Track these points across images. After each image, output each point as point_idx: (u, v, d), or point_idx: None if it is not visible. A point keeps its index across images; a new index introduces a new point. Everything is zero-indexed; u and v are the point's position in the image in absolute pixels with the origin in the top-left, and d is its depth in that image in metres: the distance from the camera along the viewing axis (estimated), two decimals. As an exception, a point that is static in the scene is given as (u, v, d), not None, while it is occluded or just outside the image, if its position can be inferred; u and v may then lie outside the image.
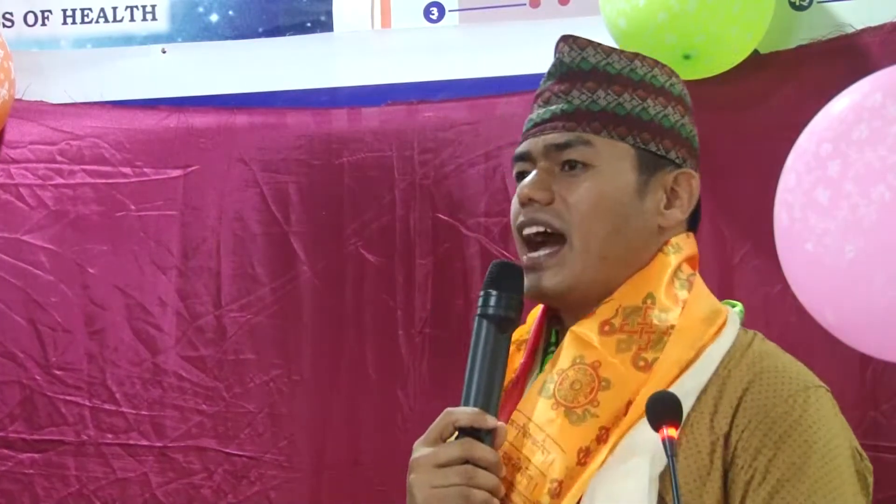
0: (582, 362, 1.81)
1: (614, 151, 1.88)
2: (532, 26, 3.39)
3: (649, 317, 1.83)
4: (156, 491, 3.38)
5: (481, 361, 1.81)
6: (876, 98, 2.48)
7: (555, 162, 1.88)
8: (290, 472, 3.35)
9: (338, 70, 3.52)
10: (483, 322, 1.82)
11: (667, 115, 1.91)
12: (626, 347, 1.81)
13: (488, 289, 1.84)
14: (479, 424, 1.77)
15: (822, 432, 1.77)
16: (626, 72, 1.91)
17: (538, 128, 1.91)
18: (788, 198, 2.56)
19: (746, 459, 1.75)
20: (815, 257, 2.48)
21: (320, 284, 3.38)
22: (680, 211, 1.92)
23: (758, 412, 1.77)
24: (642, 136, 1.89)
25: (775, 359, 1.83)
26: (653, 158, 1.89)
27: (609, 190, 1.86)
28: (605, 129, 1.87)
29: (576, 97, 1.89)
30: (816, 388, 1.81)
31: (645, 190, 1.89)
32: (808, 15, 3.16)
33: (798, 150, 2.59)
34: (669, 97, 1.93)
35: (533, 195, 1.87)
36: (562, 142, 1.88)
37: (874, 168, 2.41)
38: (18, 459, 3.42)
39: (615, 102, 1.88)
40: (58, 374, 3.43)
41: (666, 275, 1.87)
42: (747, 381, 1.79)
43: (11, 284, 3.46)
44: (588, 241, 1.85)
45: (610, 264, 1.86)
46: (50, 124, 3.52)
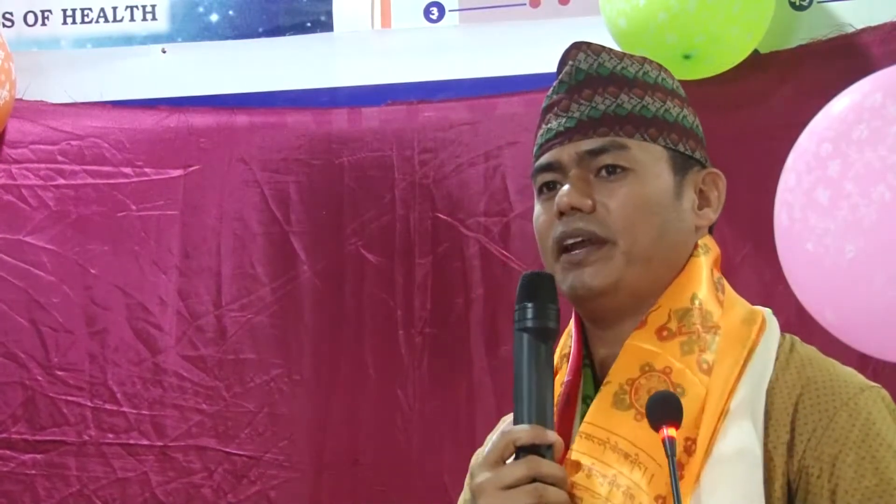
0: (652, 369, 1.77)
1: (649, 154, 1.84)
2: (532, 26, 3.39)
3: (699, 317, 1.81)
4: (156, 490, 3.38)
5: (529, 376, 1.75)
6: (876, 98, 2.48)
7: (589, 169, 1.83)
8: (289, 471, 3.35)
9: (338, 70, 3.52)
10: (524, 336, 1.76)
11: (685, 117, 1.90)
12: (688, 350, 1.79)
13: (524, 302, 1.77)
14: (541, 440, 1.72)
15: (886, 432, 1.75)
16: (641, 75, 1.88)
17: (563, 136, 1.85)
18: (789, 198, 2.56)
19: (824, 468, 1.73)
20: (815, 257, 2.48)
21: (320, 284, 3.38)
22: (712, 211, 1.90)
23: (821, 418, 1.75)
24: (671, 136, 1.86)
25: (824, 363, 1.81)
26: (683, 159, 1.87)
27: (650, 192, 1.83)
28: (638, 131, 1.84)
29: (600, 102, 1.85)
30: (870, 388, 1.79)
31: (681, 191, 1.86)
32: (808, 15, 3.16)
33: (798, 149, 2.59)
34: (682, 99, 1.92)
35: (575, 203, 1.81)
36: (597, 147, 1.83)
37: (874, 168, 2.42)
38: (20, 460, 3.42)
39: (640, 105, 1.85)
40: (59, 375, 3.43)
41: (704, 275, 1.85)
42: (800, 386, 1.77)
43: (13, 285, 3.46)
44: (634, 245, 1.81)
45: (655, 266, 1.83)
46: (50, 124, 3.52)
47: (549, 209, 1.85)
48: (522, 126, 3.29)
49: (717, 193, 1.90)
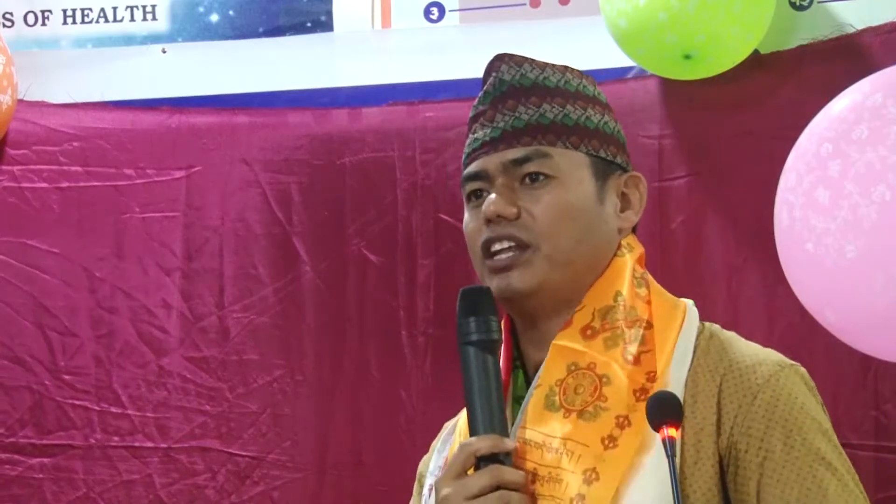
0: (577, 368, 1.86)
1: (572, 161, 1.92)
2: (532, 26, 3.39)
3: (622, 313, 1.89)
4: (160, 492, 3.38)
5: (479, 388, 1.83)
6: (876, 98, 2.48)
7: (514, 177, 1.91)
8: (292, 472, 3.35)
9: (338, 70, 3.52)
10: (470, 349, 1.86)
11: (606, 123, 1.97)
12: (612, 344, 1.86)
13: (466, 317, 1.87)
14: (501, 449, 1.80)
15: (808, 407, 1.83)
16: (563, 84, 1.95)
17: (489, 146, 1.93)
18: (789, 197, 2.56)
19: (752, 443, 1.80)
20: (815, 257, 2.48)
21: (322, 285, 3.38)
22: (634, 213, 1.98)
23: (745, 395, 1.82)
24: (592, 143, 1.94)
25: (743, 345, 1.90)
26: (605, 164, 1.95)
27: (573, 199, 1.91)
28: (560, 139, 1.91)
29: (523, 112, 1.92)
30: (789, 366, 1.87)
31: (603, 196, 1.94)
32: (808, 15, 3.16)
33: (798, 149, 2.59)
34: (602, 105, 1.99)
35: (500, 211, 1.89)
36: (521, 156, 1.91)
37: (874, 168, 2.42)
38: (28, 464, 3.42)
39: (562, 114, 1.92)
40: (66, 379, 3.43)
41: (627, 273, 1.92)
42: (723, 368, 1.84)
43: (19, 289, 3.46)
44: (557, 249, 1.89)
45: (577, 268, 1.91)
46: (52, 125, 3.52)
47: (477, 216, 1.93)
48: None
49: (639, 195, 1.98)
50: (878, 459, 2.95)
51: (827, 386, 2.97)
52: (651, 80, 3.22)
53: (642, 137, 3.21)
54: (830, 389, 2.99)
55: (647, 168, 3.19)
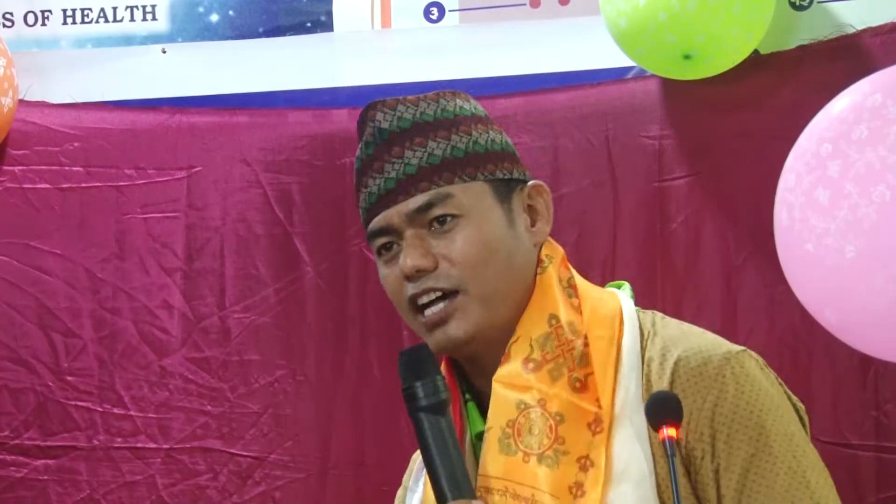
0: (527, 405, 1.81)
1: (473, 193, 1.87)
2: (532, 26, 3.39)
3: (562, 336, 1.84)
4: (162, 493, 3.38)
5: (440, 454, 1.79)
6: (876, 98, 2.48)
7: (421, 225, 1.86)
8: (294, 472, 3.35)
9: (338, 70, 3.52)
10: (421, 416, 1.81)
11: (492, 139, 1.92)
12: (558, 375, 1.82)
13: (411, 383, 1.81)
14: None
15: (763, 397, 1.79)
16: (440, 114, 1.90)
17: (386, 199, 1.88)
18: (789, 198, 2.56)
19: (706, 450, 1.78)
20: (815, 257, 2.49)
21: (324, 285, 3.38)
22: (544, 223, 1.93)
23: (695, 400, 1.78)
24: (487, 167, 1.89)
25: (685, 341, 1.84)
26: (504, 184, 1.90)
27: (485, 233, 1.86)
28: (456, 175, 1.87)
29: (411, 157, 1.87)
30: (735, 355, 1.83)
31: (512, 217, 1.90)
32: (808, 15, 3.16)
33: (798, 149, 2.60)
34: (483, 120, 1.94)
35: (418, 265, 1.84)
36: (422, 203, 1.86)
37: (874, 168, 2.42)
38: (33, 466, 3.42)
39: (449, 147, 1.88)
40: (70, 381, 3.43)
41: (555, 291, 1.88)
42: (670, 370, 1.81)
43: (23, 291, 3.45)
44: (485, 288, 1.85)
45: (508, 300, 1.87)
46: (53, 125, 3.52)
47: (395, 270, 1.88)
48: (523, 126, 3.29)
49: (544, 204, 1.94)
50: (879, 460, 2.94)
51: (827, 386, 2.99)
52: (651, 80, 3.22)
53: (642, 138, 3.21)
54: (830, 389, 2.99)
55: (647, 168, 3.19)
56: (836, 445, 2.93)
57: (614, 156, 3.21)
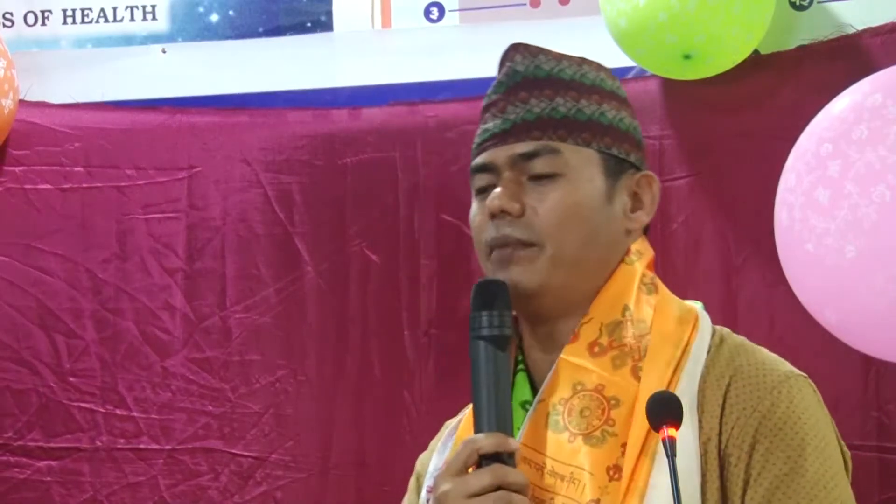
0: (584, 388, 1.80)
1: (581, 158, 1.86)
2: (532, 26, 3.38)
3: (631, 328, 1.83)
4: (164, 493, 3.38)
5: (487, 384, 1.78)
6: (876, 98, 2.49)
7: (522, 172, 1.86)
8: (295, 472, 3.35)
9: (338, 70, 3.52)
10: (480, 344, 1.79)
11: (622, 119, 1.91)
12: (621, 363, 1.81)
13: (479, 310, 1.80)
14: (504, 448, 1.74)
15: (812, 423, 1.79)
16: (578, 77, 1.89)
17: (498, 138, 1.87)
18: (789, 198, 2.57)
19: (742, 457, 1.76)
20: (815, 257, 2.49)
21: (324, 285, 3.38)
22: (645, 214, 1.92)
23: (745, 407, 1.78)
24: (605, 140, 1.87)
25: (751, 353, 1.84)
26: (616, 162, 1.89)
27: (580, 198, 1.85)
28: (571, 135, 1.85)
29: (535, 105, 1.86)
30: (797, 377, 1.83)
31: (612, 195, 1.88)
32: (808, 15, 3.16)
33: (798, 149, 2.60)
34: (620, 100, 1.93)
35: (504, 206, 1.84)
36: (529, 151, 1.85)
37: (874, 168, 2.42)
38: (36, 468, 3.42)
39: (575, 108, 1.87)
40: (72, 382, 3.43)
41: (635, 283, 1.86)
42: (728, 377, 1.80)
43: (25, 292, 3.45)
44: (562, 250, 1.84)
45: (583, 270, 1.85)
46: (53, 126, 3.52)
47: (484, 210, 1.87)
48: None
49: (651, 196, 1.92)
50: (880, 460, 2.94)
51: (828, 387, 2.97)
52: (651, 80, 3.22)
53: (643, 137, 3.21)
54: (831, 390, 2.97)
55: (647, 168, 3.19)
56: (838, 446, 2.93)
57: (615, 156, 3.21)
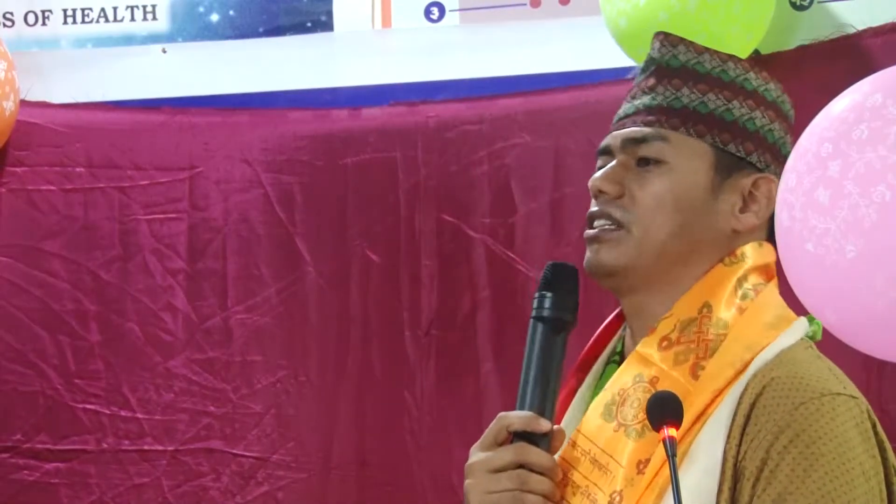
0: (641, 380, 1.79)
1: (691, 149, 1.87)
2: (533, 26, 3.39)
3: (705, 326, 1.81)
4: (167, 495, 3.38)
5: (536, 364, 1.79)
6: (876, 98, 2.47)
7: (632, 156, 1.88)
8: (297, 472, 3.35)
9: (338, 70, 3.53)
10: (538, 325, 1.81)
11: (752, 119, 1.90)
12: (683, 359, 1.79)
13: (542, 290, 1.82)
14: (533, 428, 1.76)
15: (833, 443, 1.72)
16: (717, 72, 1.90)
17: (621, 122, 1.92)
18: (789, 198, 2.55)
19: (753, 473, 1.72)
20: (815, 257, 2.48)
21: (325, 285, 3.38)
22: (755, 216, 1.90)
23: (767, 421, 1.73)
24: (722, 136, 1.88)
25: (795, 366, 1.79)
26: (732, 160, 1.88)
27: (679, 188, 1.86)
28: (684, 125, 1.87)
29: (660, 93, 1.89)
30: (835, 396, 1.76)
31: (720, 191, 1.87)
32: (808, 15, 3.16)
33: (798, 149, 2.58)
34: (760, 101, 1.93)
35: (602, 187, 1.87)
36: (638, 136, 1.87)
37: (875, 168, 2.41)
38: (45, 469, 3.42)
39: (698, 101, 1.88)
40: (78, 384, 3.43)
41: (728, 285, 1.84)
42: (761, 387, 1.75)
43: (30, 294, 3.46)
44: (648, 234, 1.84)
45: (668, 259, 1.85)
46: (55, 126, 3.52)
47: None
48: (524, 126, 3.29)
49: (766, 200, 1.90)
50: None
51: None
52: (652, 80, 3.21)
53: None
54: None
55: (648, 168, 3.19)
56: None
57: (615, 156, 3.21)
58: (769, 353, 1.79)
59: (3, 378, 3.45)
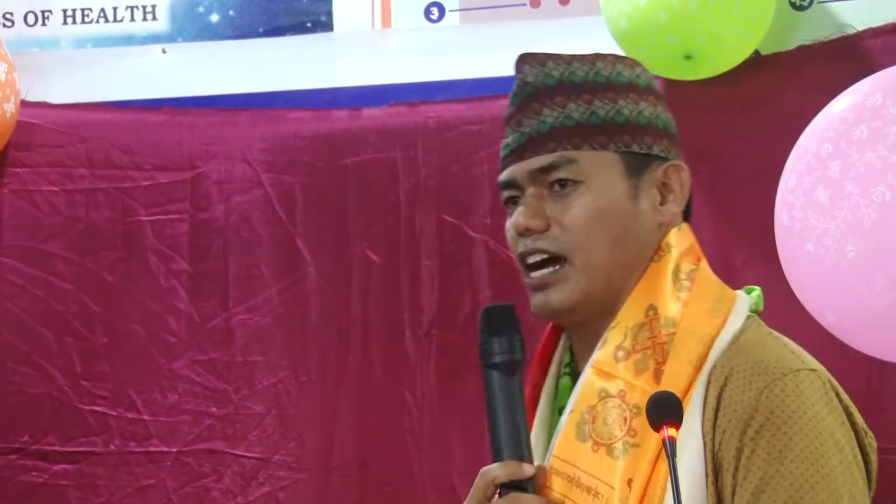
0: (608, 395, 1.79)
1: (600, 162, 1.84)
2: (533, 26, 3.39)
3: (656, 329, 1.80)
4: (172, 496, 3.38)
5: (502, 411, 1.78)
6: (876, 98, 2.48)
7: (543, 185, 1.84)
8: (298, 472, 3.35)
9: (338, 70, 3.52)
10: (492, 373, 1.80)
11: (641, 111, 1.87)
12: (644, 367, 1.79)
13: (488, 337, 1.81)
14: (519, 476, 1.75)
15: (803, 420, 1.72)
16: (591, 76, 1.87)
17: (516, 154, 1.87)
18: (789, 198, 2.57)
19: (731, 462, 1.73)
20: (815, 257, 2.49)
21: (326, 286, 3.38)
22: (675, 204, 1.88)
23: (735, 410, 1.73)
24: (623, 139, 1.85)
25: (752, 350, 1.78)
26: (638, 159, 1.86)
27: (602, 203, 1.83)
28: (586, 142, 1.84)
29: (548, 115, 1.85)
30: (796, 372, 1.75)
31: (638, 193, 1.86)
32: (808, 15, 3.16)
33: (799, 150, 2.60)
34: (639, 90, 1.89)
35: (528, 224, 1.83)
36: (546, 164, 1.84)
37: (874, 168, 2.42)
38: (53, 471, 3.42)
39: (588, 112, 1.85)
40: (84, 385, 3.43)
41: (665, 281, 1.84)
42: (725, 377, 1.75)
43: (34, 295, 3.45)
44: (590, 258, 1.83)
45: (615, 275, 1.84)
46: (56, 126, 3.52)
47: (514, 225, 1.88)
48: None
49: (680, 185, 1.88)
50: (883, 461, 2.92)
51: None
52: (652, 80, 3.21)
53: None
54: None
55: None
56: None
57: (616, 156, 3.21)
58: (722, 341, 1.79)
59: (9, 379, 3.45)
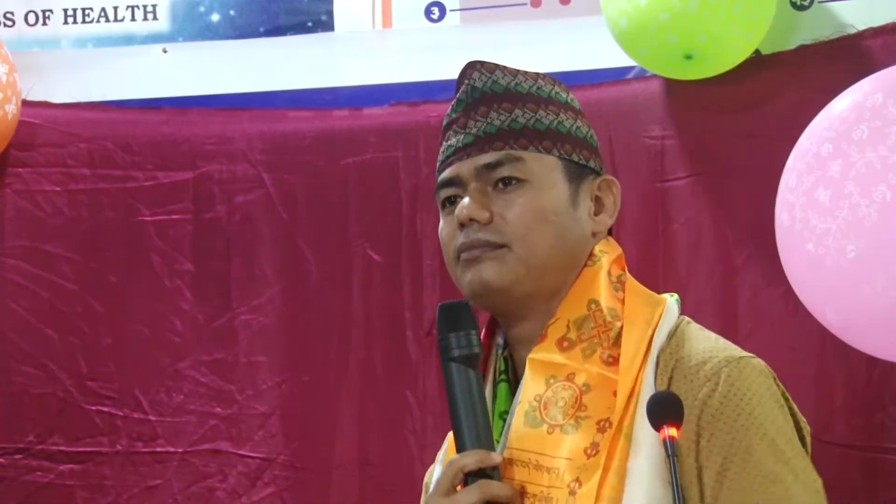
0: (556, 380, 1.86)
1: (544, 164, 1.94)
2: (533, 26, 3.39)
3: (600, 318, 1.89)
4: (178, 496, 3.38)
5: (464, 404, 1.85)
6: (877, 98, 2.48)
7: (487, 182, 1.93)
8: (301, 473, 3.35)
9: (339, 70, 3.52)
10: (452, 366, 1.86)
11: (579, 128, 1.99)
12: (591, 352, 1.87)
13: (446, 333, 1.88)
14: (487, 464, 1.82)
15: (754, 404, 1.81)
16: (535, 90, 1.99)
17: (462, 152, 1.95)
18: (789, 198, 2.57)
19: (691, 448, 1.80)
20: (816, 257, 2.49)
21: (327, 285, 3.38)
22: (608, 216, 2.00)
23: (686, 397, 1.80)
24: (565, 147, 1.96)
25: (693, 341, 1.89)
26: (577, 168, 1.97)
27: (546, 202, 1.93)
28: (532, 144, 1.94)
29: (495, 118, 1.95)
30: (738, 359, 1.86)
31: (576, 198, 1.96)
32: (809, 15, 3.16)
33: (799, 149, 2.60)
34: (575, 111, 2.02)
35: (474, 215, 1.91)
36: (493, 161, 1.93)
37: (875, 168, 2.42)
38: (59, 471, 3.42)
39: (533, 119, 1.95)
40: (90, 386, 3.43)
41: (601, 282, 1.93)
42: (671, 369, 1.85)
43: (38, 296, 3.45)
44: (531, 251, 1.91)
45: (550, 272, 1.92)
46: (57, 126, 3.52)
47: (452, 222, 1.95)
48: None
49: (613, 199, 2.00)
50: (883, 461, 2.94)
51: (830, 387, 2.99)
52: (652, 80, 3.22)
53: (644, 138, 3.21)
54: (833, 391, 2.98)
55: (649, 168, 3.20)
56: (841, 447, 2.93)
57: (616, 156, 3.21)
58: (662, 332, 1.89)
59: (13, 380, 3.45)
